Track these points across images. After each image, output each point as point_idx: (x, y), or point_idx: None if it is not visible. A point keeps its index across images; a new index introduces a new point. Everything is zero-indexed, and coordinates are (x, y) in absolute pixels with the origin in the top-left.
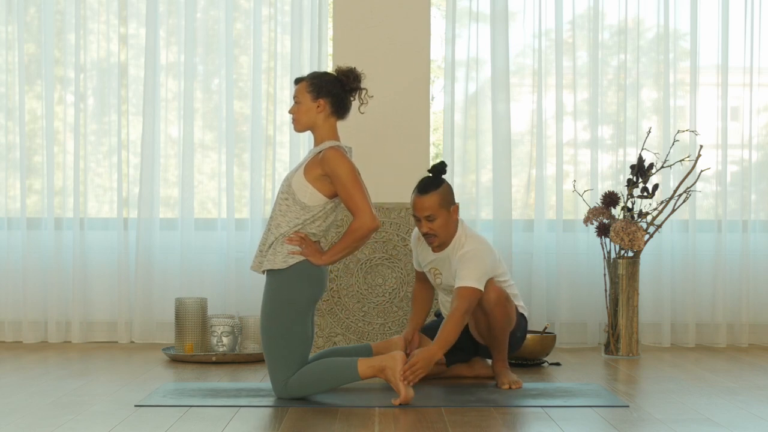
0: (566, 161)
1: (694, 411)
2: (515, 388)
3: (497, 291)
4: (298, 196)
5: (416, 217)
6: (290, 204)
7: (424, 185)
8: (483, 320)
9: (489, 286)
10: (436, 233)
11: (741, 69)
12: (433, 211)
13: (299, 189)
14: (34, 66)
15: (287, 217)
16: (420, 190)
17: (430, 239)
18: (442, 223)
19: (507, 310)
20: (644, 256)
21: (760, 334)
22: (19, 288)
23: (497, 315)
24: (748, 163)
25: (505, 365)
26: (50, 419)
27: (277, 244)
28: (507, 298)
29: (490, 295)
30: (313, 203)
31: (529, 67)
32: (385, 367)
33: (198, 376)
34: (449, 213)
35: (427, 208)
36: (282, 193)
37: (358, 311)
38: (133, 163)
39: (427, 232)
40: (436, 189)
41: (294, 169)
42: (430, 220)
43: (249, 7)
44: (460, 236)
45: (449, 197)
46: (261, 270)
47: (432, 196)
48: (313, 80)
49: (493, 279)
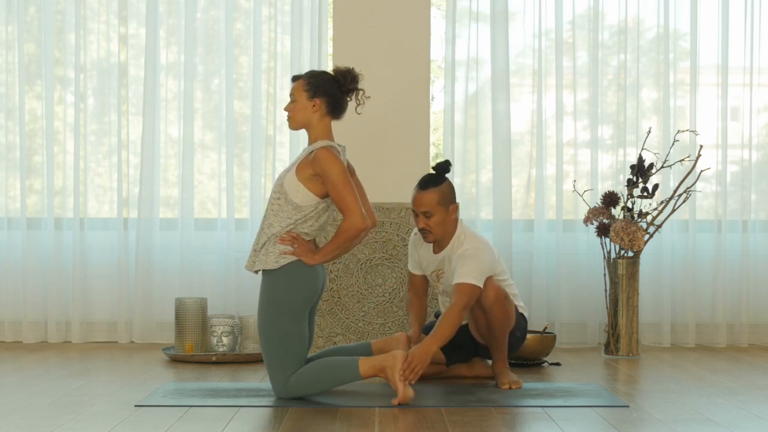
0: (566, 161)
1: (694, 411)
2: (515, 388)
3: (496, 289)
4: (290, 196)
5: (414, 212)
6: (282, 204)
7: (426, 181)
8: (482, 319)
9: (488, 285)
10: (432, 230)
11: (741, 69)
12: (431, 207)
13: (291, 189)
14: (34, 66)
15: (279, 216)
16: (421, 186)
17: (424, 234)
18: (439, 220)
19: (506, 309)
20: (644, 256)
21: (760, 334)
22: (19, 288)
23: (496, 313)
24: (748, 163)
25: (505, 365)
26: (50, 419)
27: (269, 245)
28: (506, 297)
29: (488, 293)
30: (305, 203)
31: (529, 67)
32: (386, 366)
33: (198, 376)
34: (447, 212)
35: (425, 203)
36: (274, 193)
37: (358, 311)
38: (133, 163)
39: (423, 227)
40: (437, 186)
41: (286, 168)
42: (428, 216)
43: (249, 7)
44: (459, 235)
45: (449, 196)
46: (254, 270)
47: (431, 193)
48: (310, 79)
49: (492, 278)
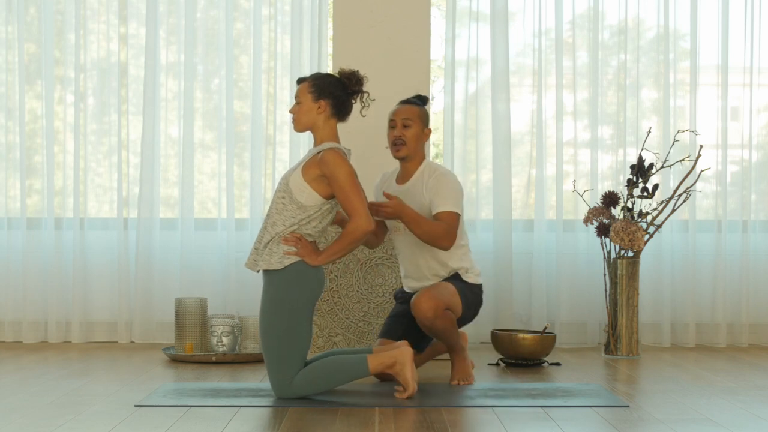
0: (566, 161)
1: (694, 411)
2: (463, 384)
3: (433, 307)
4: (295, 196)
5: (392, 123)
6: (287, 203)
7: (409, 99)
8: (427, 330)
9: (422, 301)
10: (406, 141)
11: (741, 69)
12: (411, 116)
13: (296, 188)
14: (34, 66)
15: (283, 215)
16: (403, 101)
17: (398, 147)
18: (415, 134)
19: (447, 318)
20: (644, 256)
21: (760, 334)
22: (19, 288)
23: (439, 326)
24: (748, 163)
25: (458, 356)
26: (50, 419)
27: (273, 244)
28: (444, 308)
29: (426, 314)
30: (310, 203)
31: (529, 66)
32: (396, 362)
33: (198, 376)
34: (423, 131)
35: (406, 112)
36: (279, 192)
37: (358, 311)
38: (133, 163)
39: (399, 136)
40: (419, 105)
41: (292, 168)
42: (406, 126)
43: (249, 7)
44: (426, 167)
45: (427, 118)
46: (256, 269)
47: (414, 107)
48: (315, 81)
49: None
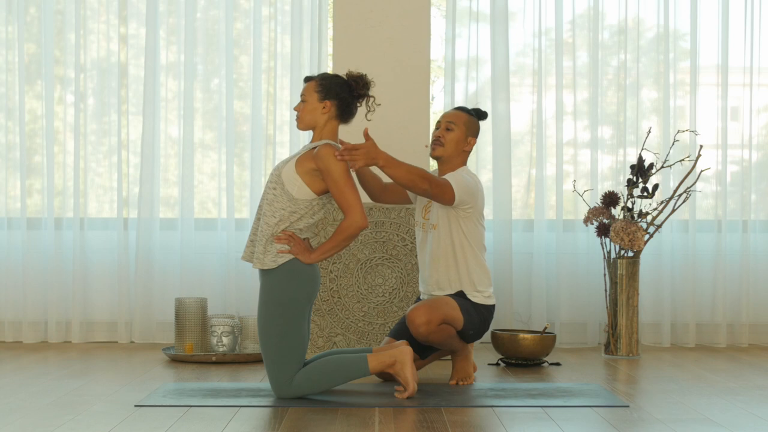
0: (566, 161)
1: (694, 411)
2: (463, 384)
3: (426, 324)
4: (287, 187)
5: (438, 124)
6: (278, 194)
7: (463, 107)
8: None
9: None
10: (444, 143)
11: (741, 69)
12: (456, 121)
13: (288, 180)
14: (34, 66)
15: (274, 206)
16: (457, 108)
17: (434, 146)
18: (455, 138)
19: (441, 333)
20: (644, 256)
21: (760, 334)
22: (19, 288)
23: (434, 341)
24: (748, 163)
25: (460, 357)
26: (50, 419)
27: (266, 243)
28: (438, 323)
29: (418, 329)
30: (300, 197)
31: (529, 66)
32: (396, 361)
33: (198, 376)
34: (466, 138)
35: (453, 116)
36: (270, 183)
37: (358, 311)
38: (133, 163)
39: (439, 137)
40: (469, 114)
41: (285, 160)
42: (449, 129)
43: (249, 7)
44: (462, 170)
45: (474, 128)
46: (252, 261)
47: (464, 114)
48: (322, 81)
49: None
